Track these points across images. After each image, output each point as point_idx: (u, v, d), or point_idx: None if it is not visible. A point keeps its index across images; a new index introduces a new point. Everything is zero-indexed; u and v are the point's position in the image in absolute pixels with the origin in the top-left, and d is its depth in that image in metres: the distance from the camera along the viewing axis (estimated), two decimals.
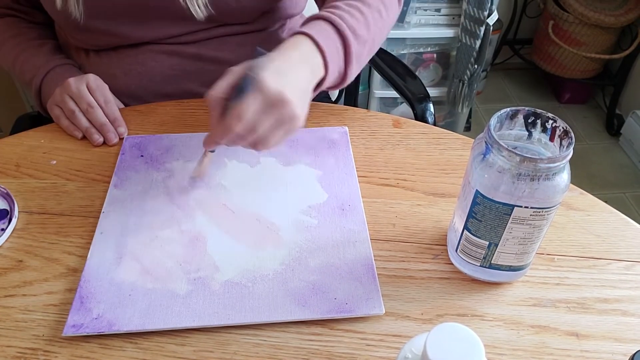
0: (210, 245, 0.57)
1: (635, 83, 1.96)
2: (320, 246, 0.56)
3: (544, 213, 0.47)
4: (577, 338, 0.50)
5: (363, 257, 0.55)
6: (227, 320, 0.50)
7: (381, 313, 0.51)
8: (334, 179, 0.64)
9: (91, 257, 0.55)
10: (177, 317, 0.50)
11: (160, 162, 0.66)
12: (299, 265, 0.55)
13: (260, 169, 0.65)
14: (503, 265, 0.52)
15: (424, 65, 1.80)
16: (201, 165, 0.62)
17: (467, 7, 1.59)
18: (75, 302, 0.51)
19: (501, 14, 1.92)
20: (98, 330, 0.49)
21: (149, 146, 0.69)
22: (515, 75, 2.23)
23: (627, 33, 1.91)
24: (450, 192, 0.63)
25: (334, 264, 0.55)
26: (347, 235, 0.58)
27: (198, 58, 0.78)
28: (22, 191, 0.63)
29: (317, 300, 0.52)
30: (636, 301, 0.53)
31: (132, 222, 0.59)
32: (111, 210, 0.60)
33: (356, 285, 0.53)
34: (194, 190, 0.62)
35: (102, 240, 0.57)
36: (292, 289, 0.53)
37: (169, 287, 0.53)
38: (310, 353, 0.49)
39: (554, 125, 0.47)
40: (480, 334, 0.34)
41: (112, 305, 0.51)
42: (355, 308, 0.51)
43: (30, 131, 0.73)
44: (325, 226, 0.59)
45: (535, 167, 0.44)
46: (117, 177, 0.64)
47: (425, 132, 0.72)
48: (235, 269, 0.54)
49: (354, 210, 0.60)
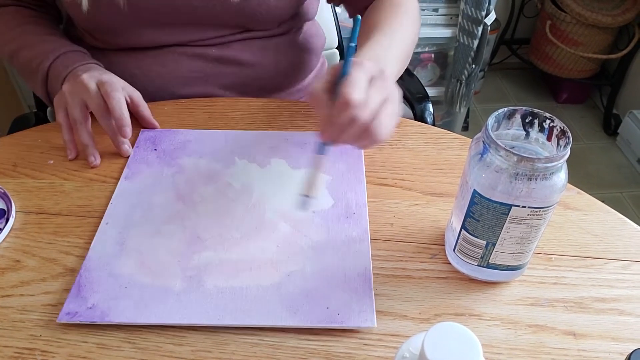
0: (209, 244, 0.57)
1: (632, 83, 1.96)
2: (320, 253, 0.56)
3: (542, 213, 0.47)
4: (575, 337, 0.50)
5: (361, 267, 0.55)
6: (216, 321, 0.50)
7: (373, 326, 0.50)
8: (342, 186, 0.63)
9: (94, 246, 0.56)
10: (168, 313, 0.50)
11: (173, 157, 0.66)
12: (295, 272, 0.54)
13: (269, 170, 0.65)
14: (501, 265, 0.52)
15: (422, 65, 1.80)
16: (314, 179, 0.54)
17: (465, 7, 1.59)
18: (73, 289, 0.52)
19: (499, 14, 1.93)
20: (90, 320, 0.49)
21: (163, 140, 0.69)
22: (512, 75, 2.24)
23: (624, 33, 1.92)
24: (448, 191, 0.63)
25: (331, 272, 0.54)
26: (348, 244, 0.57)
27: (219, 61, 0.78)
28: (19, 191, 0.63)
29: (309, 309, 0.51)
30: (633, 300, 0.53)
31: (137, 215, 0.59)
32: (119, 202, 0.61)
33: (351, 296, 0.52)
34: (201, 187, 0.62)
35: (106, 231, 0.57)
36: (285, 295, 0.52)
37: (164, 283, 0.53)
38: (308, 353, 0.49)
39: (552, 125, 0.47)
40: (478, 334, 0.34)
41: (107, 296, 0.51)
42: (347, 320, 0.50)
43: (27, 131, 0.73)
44: (328, 233, 0.58)
45: (533, 166, 0.44)
46: (129, 170, 0.65)
47: (423, 132, 0.72)
48: (231, 270, 0.54)
49: (358, 218, 0.59)
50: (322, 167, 0.55)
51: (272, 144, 0.68)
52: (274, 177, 0.64)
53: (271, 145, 0.68)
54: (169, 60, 0.77)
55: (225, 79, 0.80)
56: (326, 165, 0.63)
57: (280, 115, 0.74)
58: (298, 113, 0.74)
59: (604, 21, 1.80)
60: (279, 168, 0.65)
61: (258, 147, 0.68)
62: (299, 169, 0.65)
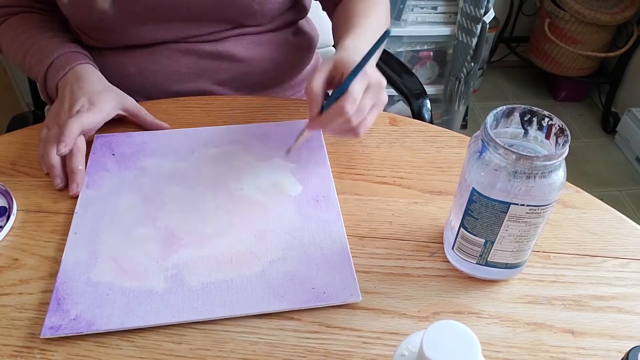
0: (185, 242, 0.57)
1: (631, 81, 1.96)
2: (297, 238, 0.57)
3: (540, 211, 0.47)
4: (573, 335, 0.50)
5: (339, 247, 0.56)
6: (206, 315, 0.50)
7: (358, 300, 0.52)
8: (308, 171, 0.64)
9: (66, 258, 0.55)
10: (155, 314, 0.50)
11: (133, 160, 0.66)
12: (276, 259, 0.55)
13: (235, 164, 0.65)
14: (499, 263, 0.52)
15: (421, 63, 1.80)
16: (300, 139, 0.64)
17: (464, 5, 1.59)
18: (52, 304, 0.51)
19: (498, 12, 1.93)
20: (77, 331, 0.49)
21: (120, 144, 0.68)
22: (511, 73, 2.24)
23: (623, 31, 1.92)
24: (447, 190, 0.63)
25: (311, 254, 0.55)
26: (322, 226, 0.58)
27: (213, 57, 0.78)
28: (18, 189, 0.63)
29: (295, 291, 0.52)
30: (631, 298, 0.53)
31: (106, 221, 0.59)
32: (84, 211, 0.60)
33: (333, 275, 0.54)
34: (168, 187, 0.62)
35: (76, 241, 0.57)
36: (270, 282, 0.53)
37: (146, 285, 0.53)
38: (307, 351, 0.49)
39: (550, 123, 0.47)
40: (477, 332, 0.34)
41: (90, 305, 0.51)
42: (333, 297, 0.52)
43: (25, 129, 0.72)
44: (301, 218, 0.59)
45: (531, 164, 0.44)
46: (89, 177, 0.64)
47: (422, 130, 0.72)
48: (212, 264, 0.54)
49: (328, 201, 0.61)
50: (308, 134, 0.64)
51: (233, 137, 0.69)
52: (240, 169, 0.64)
53: (232, 139, 0.68)
54: (164, 57, 0.77)
55: (219, 75, 0.80)
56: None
57: (279, 113, 0.74)
58: (297, 111, 0.74)
59: (602, 19, 1.80)
60: (243, 160, 0.66)
61: (219, 141, 0.68)
62: (264, 161, 0.66)
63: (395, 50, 1.75)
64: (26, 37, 0.75)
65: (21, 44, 0.75)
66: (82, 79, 0.69)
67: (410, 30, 1.70)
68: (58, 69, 0.71)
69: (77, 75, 0.70)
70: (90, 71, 0.71)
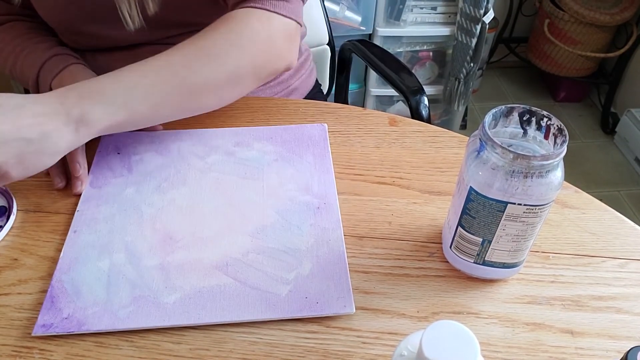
0: (182, 245, 0.56)
1: (630, 81, 1.97)
2: (294, 245, 0.56)
3: (537, 210, 0.47)
4: (572, 335, 0.50)
5: (336, 256, 0.55)
6: (196, 320, 0.50)
7: (351, 312, 0.51)
8: (311, 177, 0.64)
9: (64, 256, 0.55)
10: (146, 316, 0.50)
11: (137, 160, 0.66)
12: (271, 265, 0.55)
13: (237, 169, 0.65)
14: (497, 262, 0.52)
15: (420, 63, 1.81)
16: None
17: (463, 5, 1.59)
18: (46, 302, 0.51)
19: (497, 12, 1.93)
20: (67, 330, 0.49)
21: (126, 144, 0.68)
22: (511, 73, 2.24)
23: (622, 32, 1.92)
24: (446, 190, 0.64)
25: (307, 262, 0.55)
26: (321, 234, 0.58)
27: None
28: (17, 189, 0.63)
29: (288, 300, 0.52)
30: (630, 299, 0.53)
31: (106, 221, 0.59)
32: (85, 209, 0.60)
33: (328, 285, 0.53)
34: (168, 190, 0.62)
35: (75, 239, 0.57)
36: (263, 288, 0.53)
37: (140, 287, 0.53)
38: (306, 351, 0.49)
39: (549, 123, 0.47)
40: (476, 332, 0.34)
41: (82, 305, 0.51)
42: (326, 307, 0.51)
43: None
44: (300, 225, 0.58)
45: (529, 164, 0.44)
46: (93, 176, 0.64)
47: (421, 131, 0.72)
48: (207, 268, 0.54)
49: (329, 208, 0.60)
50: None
51: (235, 139, 0.68)
52: (241, 172, 0.64)
53: (234, 141, 0.68)
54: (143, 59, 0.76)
55: None
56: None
57: (278, 113, 0.74)
58: (297, 111, 0.74)
59: (602, 20, 1.80)
60: (244, 163, 0.66)
61: (222, 143, 0.68)
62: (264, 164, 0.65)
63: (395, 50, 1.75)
64: (16, 44, 0.75)
65: (11, 50, 0.75)
66: (77, 78, 0.69)
67: (410, 30, 1.71)
68: (51, 69, 0.71)
69: (72, 74, 0.70)
70: (84, 71, 0.71)
